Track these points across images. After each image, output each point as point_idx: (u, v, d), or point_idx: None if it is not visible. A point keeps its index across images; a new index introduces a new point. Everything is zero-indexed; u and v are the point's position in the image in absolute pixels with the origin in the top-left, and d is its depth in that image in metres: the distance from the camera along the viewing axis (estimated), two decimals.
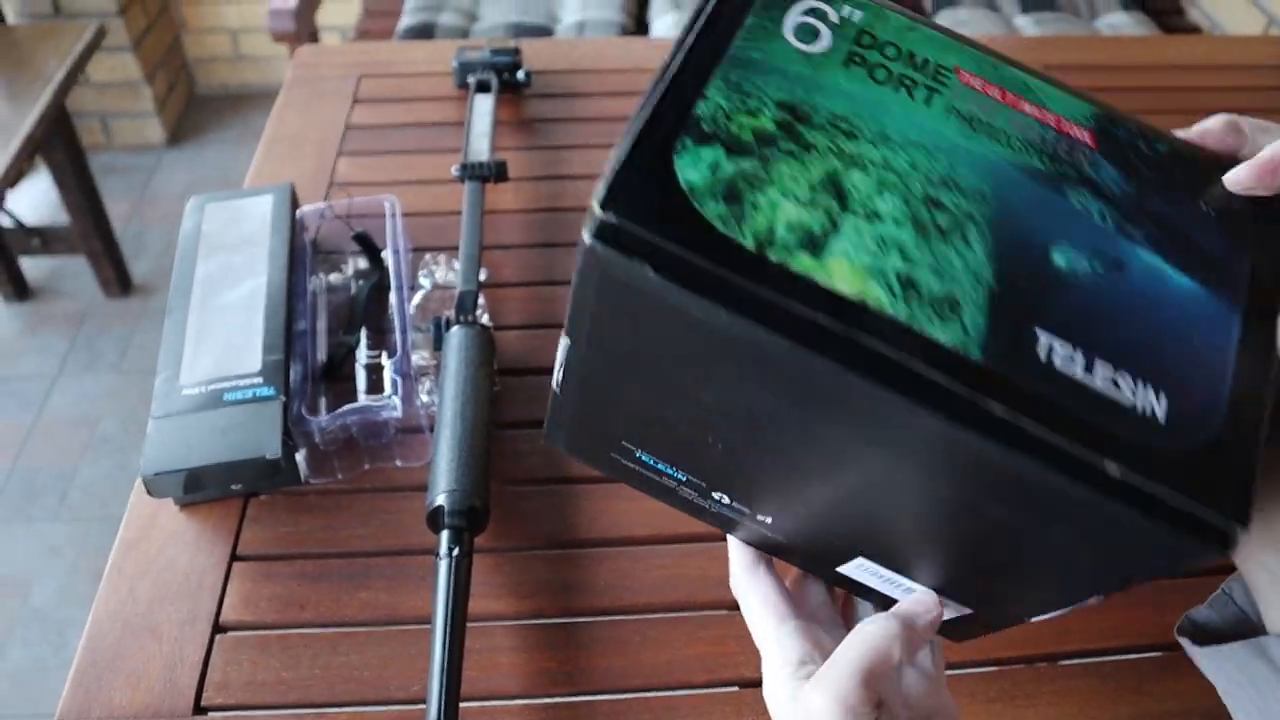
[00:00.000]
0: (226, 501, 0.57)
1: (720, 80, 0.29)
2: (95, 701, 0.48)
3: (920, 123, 0.30)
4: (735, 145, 0.28)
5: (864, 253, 0.27)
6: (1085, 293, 0.28)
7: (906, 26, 0.31)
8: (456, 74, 0.91)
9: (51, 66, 1.61)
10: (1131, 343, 0.28)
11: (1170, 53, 1.05)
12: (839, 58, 0.30)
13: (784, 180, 0.28)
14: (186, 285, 0.65)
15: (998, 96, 0.31)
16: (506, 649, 0.51)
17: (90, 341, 1.84)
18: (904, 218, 0.28)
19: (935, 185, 0.29)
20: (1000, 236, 0.28)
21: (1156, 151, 0.31)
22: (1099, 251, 0.29)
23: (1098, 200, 0.29)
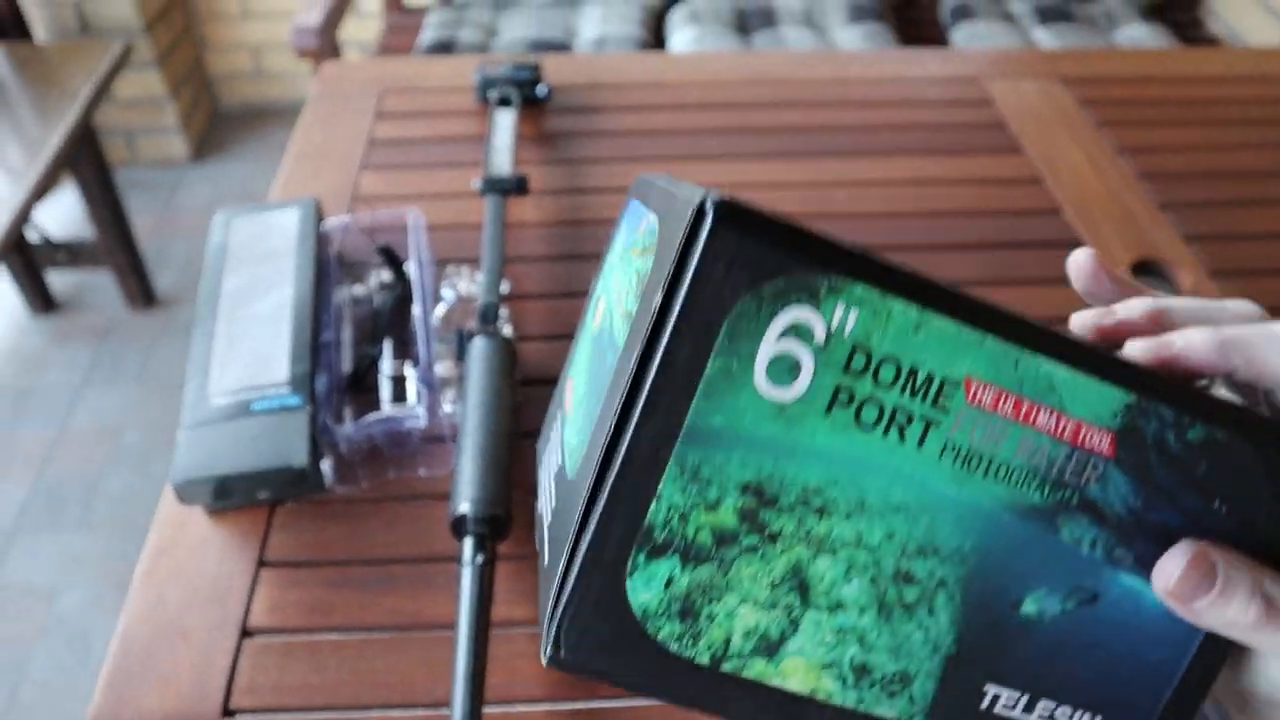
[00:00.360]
0: (254, 509, 0.58)
1: (675, 468, 0.25)
2: (126, 704, 0.49)
3: (908, 476, 0.26)
4: (692, 553, 0.25)
5: (820, 647, 0.27)
6: (1046, 636, 0.28)
7: (914, 325, 0.25)
8: (478, 89, 0.92)
9: (79, 84, 1.64)
10: (1080, 677, 0.29)
11: (1188, 65, 1.06)
12: (820, 401, 0.25)
13: (744, 583, 0.26)
14: (214, 297, 0.66)
15: (1010, 411, 0.26)
16: (529, 655, 0.51)
17: (114, 354, 1.86)
18: (869, 602, 0.27)
19: (910, 556, 0.27)
20: (970, 598, 0.28)
21: (1186, 441, 0.28)
22: (1076, 588, 0.28)
23: (1094, 527, 0.28)
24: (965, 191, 0.85)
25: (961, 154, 0.90)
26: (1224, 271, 0.77)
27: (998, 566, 0.27)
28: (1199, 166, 0.89)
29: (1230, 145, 0.92)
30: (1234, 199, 0.85)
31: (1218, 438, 0.28)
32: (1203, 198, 0.85)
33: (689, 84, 0.99)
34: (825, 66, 1.04)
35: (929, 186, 0.86)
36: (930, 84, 1.00)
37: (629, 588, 0.25)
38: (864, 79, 1.01)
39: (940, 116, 0.95)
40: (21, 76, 1.70)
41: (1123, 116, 0.95)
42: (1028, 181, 0.86)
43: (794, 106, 0.96)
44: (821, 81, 1.00)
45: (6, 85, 1.69)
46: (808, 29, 1.75)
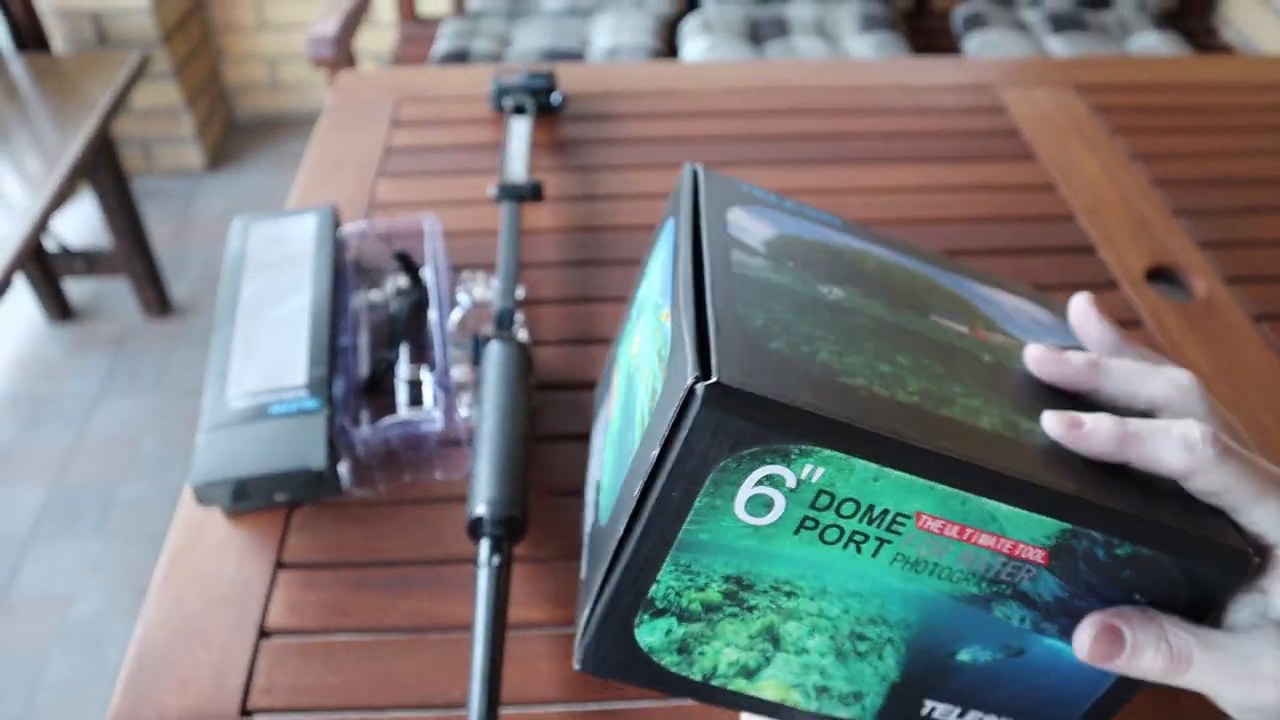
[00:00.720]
0: (272, 511, 0.59)
1: (670, 565, 0.32)
2: (145, 704, 0.50)
3: (862, 574, 0.31)
4: (685, 615, 0.33)
5: (789, 675, 0.34)
6: (978, 675, 0.34)
7: (873, 477, 0.29)
8: (493, 98, 0.93)
9: (97, 94, 1.66)
10: (1006, 699, 0.34)
11: (1202, 72, 1.06)
12: (790, 526, 0.30)
13: (727, 635, 0.33)
14: (233, 302, 0.67)
15: (955, 535, 0.31)
16: (545, 656, 0.52)
17: (131, 362, 1.88)
18: (828, 651, 0.34)
19: (863, 624, 0.33)
20: (912, 650, 0.33)
21: (1114, 555, 0.31)
22: (1005, 645, 0.33)
23: (1024, 609, 0.32)
24: (978, 198, 0.85)
25: (974, 161, 0.90)
26: (1238, 278, 0.76)
27: (937, 631, 0.33)
28: (1213, 173, 0.89)
29: (1244, 152, 0.92)
30: (1248, 205, 0.85)
31: (1143, 553, 0.31)
32: (1217, 204, 0.85)
33: (702, 92, 1.00)
34: (838, 75, 1.04)
35: (942, 193, 0.86)
36: (943, 92, 1.00)
37: (637, 634, 0.33)
38: (876, 87, 1.01)
39: (953, 124, 0.95)
40: (40, 87, 1.72)
41: (1136, 123, 0.95)
42: (1041, 188, 0.87)
43: (807, 114, 0.96)
44: (834, 89, 1.00)
45: (26, 96, 1.71)
46: (820, 39, 1.75)
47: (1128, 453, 0.32)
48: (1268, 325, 0.72)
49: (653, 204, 0.84)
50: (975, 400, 0.33)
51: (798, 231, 0.39)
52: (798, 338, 0.32)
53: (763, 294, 0.33)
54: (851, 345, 0.33)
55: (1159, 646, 0.31)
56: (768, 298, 0.33)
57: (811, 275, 0.36)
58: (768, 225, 0.39)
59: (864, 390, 0.30)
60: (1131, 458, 0.32)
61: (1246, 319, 0.73)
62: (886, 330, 0.35)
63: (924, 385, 0.32)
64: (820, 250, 0.39)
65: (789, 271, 0.36)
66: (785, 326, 0.32)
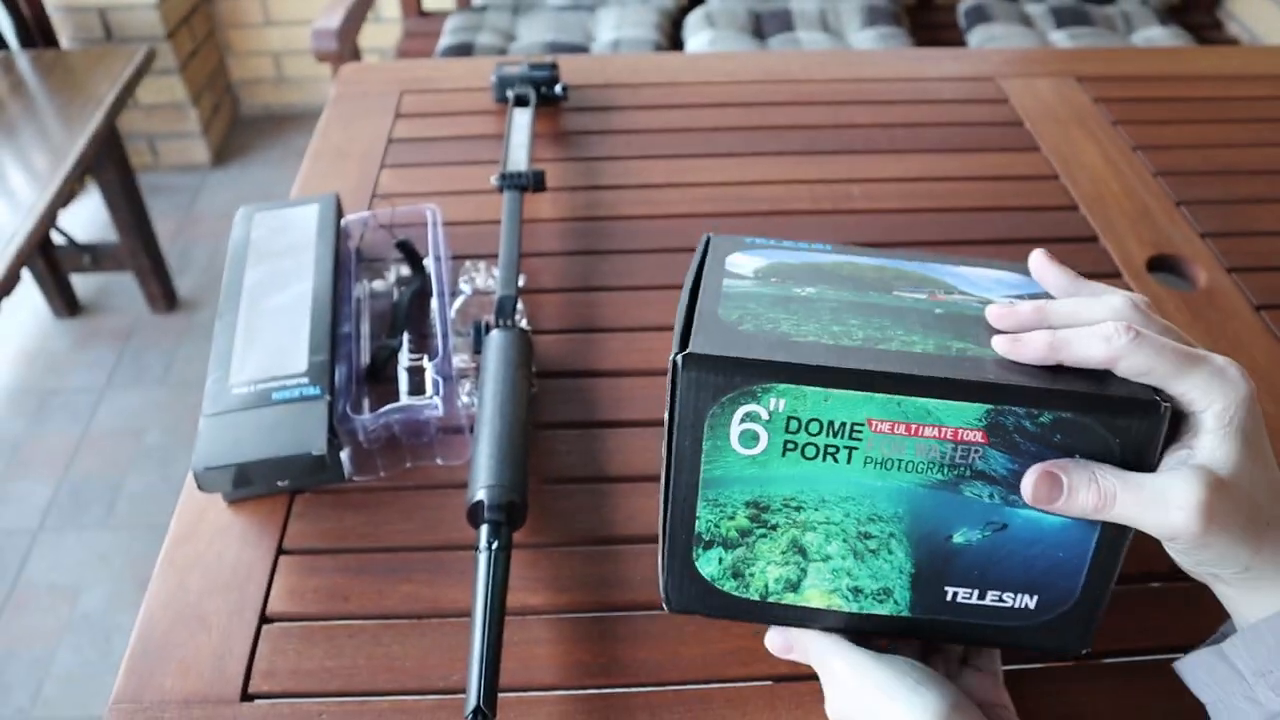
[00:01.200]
0: (273, 498, 0.59)
1: (703, 502, 0.41)
2: (148, 687, 0.50)
3: (846, 479, 0.40)
4: (727, 543, 0.42)
5: (825, 581, 0.42)
6: (978, 554, 0.41)
7: (823, 398, 0.38)
8: (495, 89, 0.93)
9: (103, 89, 1.67)
10: (1010, 574, 0.41)
11: (1204, 63, 1.05)
12: (776, 451, 0.39)
13: (764, 554, 0.42)
14: (236, 290, 0.67)
15: (904, 432, 0.38)
16: (544, 641, 0.52)
17: (137, 356, 1.88)
18: (847, 553, 0.41)
19: (864, 523, 0.40)
20: (915, 540, 0.41)
21: (1040, 422, 0.38)
22: (989, 522, 0.40)
23: (988, 485, 0.39)
24: (980, 188, 0.85)
25: (977, 151, 0.90)
26: (1240, 268, 0.76)
27: (926, 518, 0.40)
28: (1215, 163, 0.89)
29: (1246, 142, 0.92)
30: (1250, 196, 0.85)
31: (1063, 416, 0.38)
32: (1219, 194, 0.85)
33: (705, 83, 1.00)
34: (840, 66, 1.04)
35: (944, 183, 0.86)
36: (945, 83, 1.00)
37: (698, 566, 0.42)
38: (879, 78, 1.01)
39: (955, 115, 0.95)
40: (47, 83, 1.73)
41: (1139, 114, 0.95)
42: (1043, 178, 0.87)
43: (809, 105, 0.96)
44: (837, 81, 1.00)
45: (32, 91, 1.72)
46: (823, 32, 1.75)
47: (1059, 354, 0.38)
48: (1268, 314, 0.72)
49: (654, 194, 0.84)
50: (914, 337, 0.40)
51: (788, 259, 0.47)
52: (763, 320, 0.41)
53: (743, 300, 0.42)
54: (810, 318, 0.41)
55: (1089, 486, 0.37)
56: (746, 301, 0.42)
57: (790, 283, 0.44)
58: (762, 258, 0.47)
59: (810, 341, 0.39)
60: (1064, 358, 0.38)
61: (1248, 308, 0.73)
62: (846, 306, 0.42)
63: (869, 334, 0.40)
64: (804, 267, 0.46)
65: (771, 285, 0.44)
66: (755, 316, 0.41)
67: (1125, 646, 0.52)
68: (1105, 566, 0.41)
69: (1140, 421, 0.38)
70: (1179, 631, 0.48)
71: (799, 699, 0.49)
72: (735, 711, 0.49)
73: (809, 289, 0.44)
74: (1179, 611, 0.52)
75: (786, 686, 0.50)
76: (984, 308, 0.42)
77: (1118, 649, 0.51)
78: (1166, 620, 0.53)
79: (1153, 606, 0.53)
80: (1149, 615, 0.53)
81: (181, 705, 0.49)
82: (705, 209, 0.82)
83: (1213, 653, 0.40)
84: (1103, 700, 0.50)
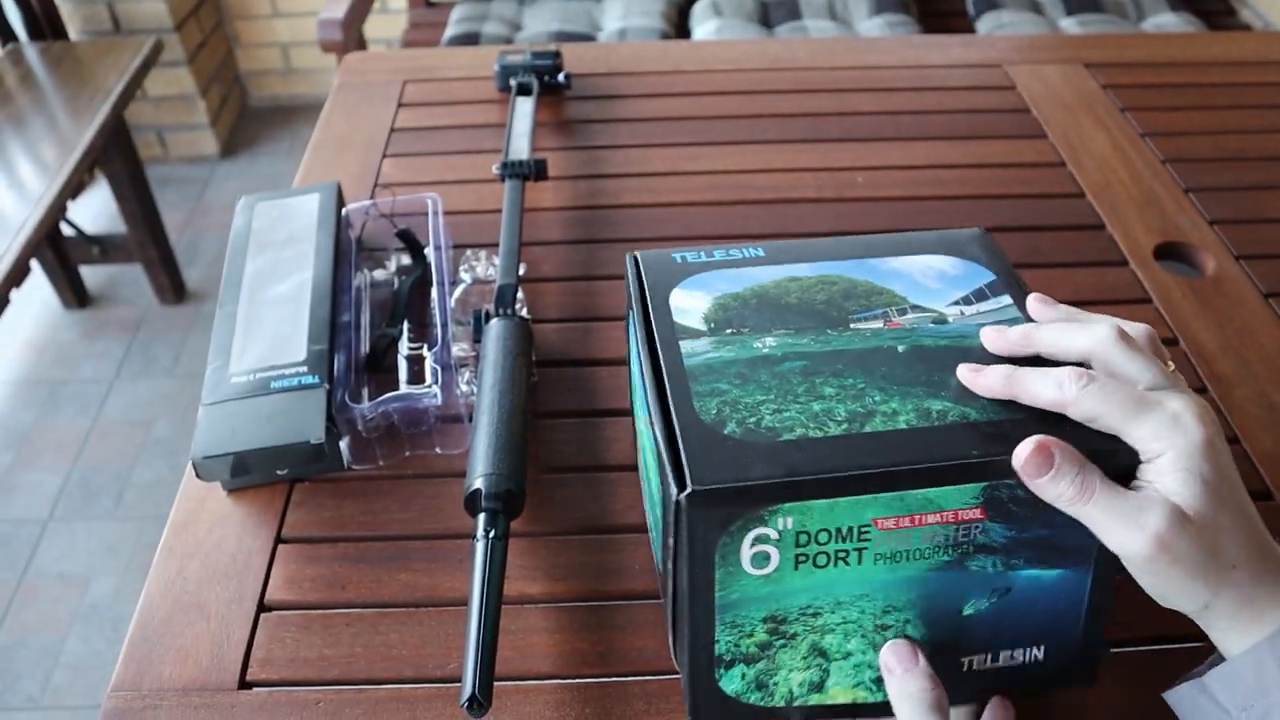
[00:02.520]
0: (272, 487, 0.59)
1: (721, 626, 0.40)
2: (146, 675, 0.50)
3: (858, 579, 0.40)
4: (749, 659, 0.41)
5: (848, 679, 0.43)
6: (987, 621, 0.42)
7: (829, 508, 0.38)
8: (498, 77, 0.93)
9: (111, 81, 1.67)
10: (1018, 632, 0.43)
11: (1216, 49, 1.04)
12: (789, 567, 0.39)
13: (786, 663, 0.42)
14: (237, 280, 0.67)
15: (908, 524, 0.39)
16: (541, 630, 0.52)
17: (145, 347, 1.89)
18: (866, 648, 0.42)
19: (880, 615, 0.41)
20: (928, 621, 0.41)
21: (1029, 492, 0.39)
22: (994, 589, 0.41)
23: (990, 556, 0.40)
24: (987, 175, 0.85)
25: (984, 138, 0.89)
26: (1249, 255, 0.76)
27: (937, 598, 0.41)
28: (1225, 150, 0.88)
29: (1256, 129, 0.91)
30: (1260, 183, 0.84)
31: None
32: (1228, 181, 0.84)
33: (709, 71, 0.99)
34: (846, 53, 1.03)
35: (951, 170, 0.85)
36: (952, 69, 1.00)
37: (721, 686, 0.42)
38: (885, 65, 1.00)
39: (962, 102, 0.94)
40: (55, 75, 1.73)
41: (1147, 101, 0.94)
42: (1051, 165, 0.86)
43: (815, 93, 0.96)
44: (842, 68, 1.00)
45: (41, 83, 1.72)
46: (831, 20, 1.74)
47: (1014, 389, 0.40)
48: (1277, 302, 0.71)
49: (656, 183, 0.83)
50: (893, 404, 0.40)
51: (729, 288, 0.47)
52: (744, 412, 0.40)
53: (711, 378, 0.42)
54: (786, 396, 0.41)
55: (1074, 476, 0.37)
56: (716, 379, 0.42)
57: (747, 334, 0.44)
58: (703, 294, 0.47)
59: (802, 440, 0.39)
60: (1017, 394, 0.40)
61: (1257, 295, 0.72)
62: (814, 363, 0.43)
63: (850, 409, 0.40)
64: (750, 299, 0.46)
65: (728, 343, 0.44)
66: (734, 406, 0.40)
67: (1124, 637, 0.51)
68: (1101, 605, 0.42)
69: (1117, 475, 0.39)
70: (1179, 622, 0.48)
71: None
72: None
73: (768, 340, 0.44)
74: None
75: None
76: (941, 332, 0.44)
77: (1115, 640, 0.51)
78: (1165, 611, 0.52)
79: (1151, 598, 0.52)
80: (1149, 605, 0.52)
81: (180, 693, 0.49)
82: (708, 197, 0.82)
83: (1195, 686, 0.41)
84: (1099, 693, 0.49)
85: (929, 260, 0.49)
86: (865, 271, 0.48)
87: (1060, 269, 0.75)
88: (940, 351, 0.43)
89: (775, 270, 0.48)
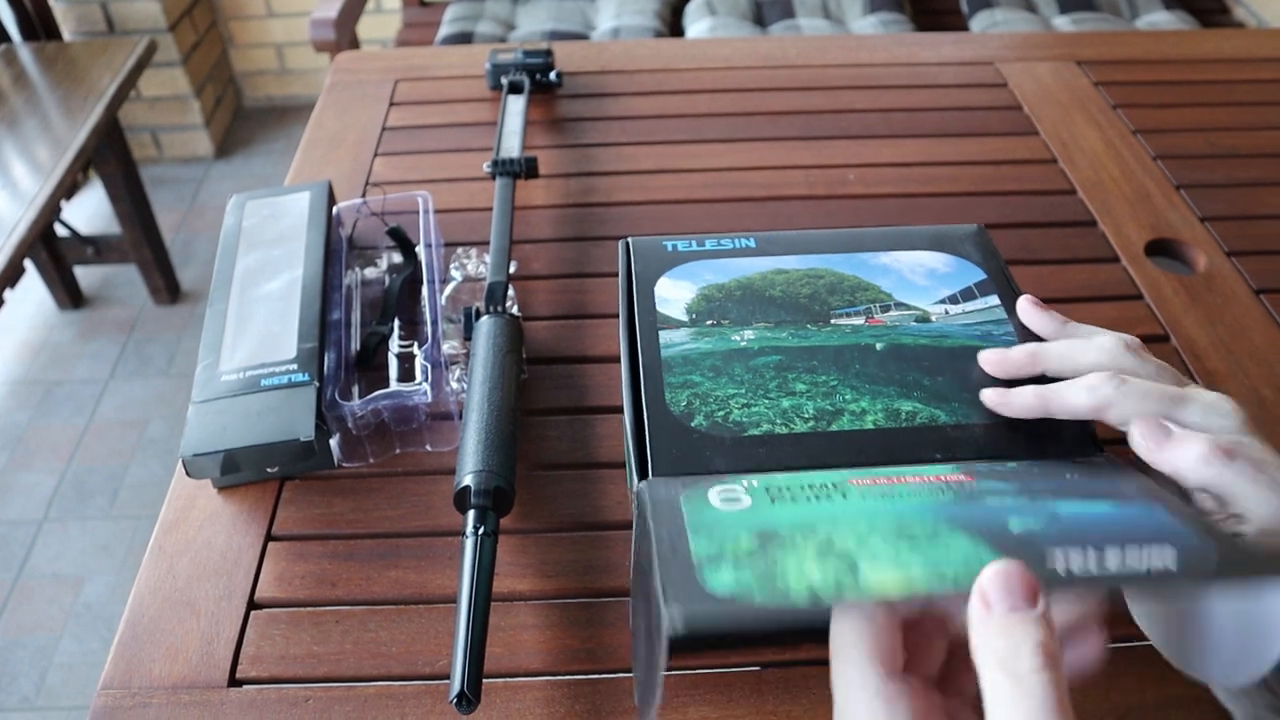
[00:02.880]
0: (262, 484, 0.59)
1: (695, 536, 0.33)
2: (136, 672, 0.50)
3: (854, 507, 0.34)
4: (738, 559, 0.32)
5: (890, 567, 0.31)
6: (1051, 534, 0.32)
7: (801, 481, 0.36)
8: (490, 76, 0.93)
9: (105, 81, 1.67)
10: (1114, 533, 0.32)
11: (1207, 47, 1.04)
12: (764, 501, 0.35)
13: (793, 561, 0.31)
14: (227, 278, 0.67)
15: (888, 480, 0.36)
16: (531, 626, 0.52)
17: (140, 347, 1.89)
18: (896, 542, 0.32)
19: (897, 529, 0.32)
20: (967, 529, 0.32)
21: (1010, 468, 0.38)
22: (1036, 516, 0.33)
23: (1006, 498, 0.35)
24: (979, 172, 0.85)
25: (975, 135, 0.89)
26: (1239, 251, 0.76)
27: (966, 518, 0.33)
28: (1217, 147, 0.88)
29: (1248, 126, 0.91)
30: (1251, 180, 0.84)
31: (1025, 463, 0.39)
32: (1220, 178, 0.84)
33: (701, 69, 0.99)
34: (839, 51, 1.03)
35: (943, 167, 0.85)
36: (944, 67, 1.00)
37: (709, 588, 0.31)
38: (878, 63, 1.00)
39: (954, 99, 0.94)
40: (49, 75, 1.73)
41: (1139, 98, 0.94)
42: (1043, 162, 0.86)
43: (807, 90, 0.96)
44: (834, 65, 1.00)
45: (34, 83, 1.72)
46: (825, 19, 1.74)
47: (1050, 405, 0.40)
48: (1268, 298, 0.72)
49: (648, 180, 0.83)
50: (863, 402, 0.40)
51: (715, 278, 0.47)
52: (713, 405, 0.40)
53: (685, 368, 0.42)
54: (758, 391, 0.41)
55: (1204, 440, 0.36)
56: (690, 371, 0.42)
57: (726, 326, 0.44)
58: (689, 284, 0.46)
59: (767, 435, 0.38)
60: (1054, 409, 0.40)
61: (1248, 292, 0.72)
62: (789, 358, 0.42)
63: (818, 406, 0.40)
64: (736, 289, 0.46)
65: (706, 334, 0.43)
66: (704, 399, 0.40)
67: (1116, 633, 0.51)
68: (1196, 516, 0.36)
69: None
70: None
71: (785, 684, 0.49)
72: (722, 697, 0.48)
73: (747, 333, 0.44)
74: None
75: (773, 672, 0.49)
76: (922, 330, 0.44)
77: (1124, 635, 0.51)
78: None
79: None
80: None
81: (169, 690, 0.49)
82: (700, 194, 0.82)
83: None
84: (1092, 687, 0.49)
85: (920, 256, 0.49)
86: (854, 266, 0.48)
87: (1052, 265, 0.75)
88: (918, 350, 0.43)
89: (764, 262, 0.48)
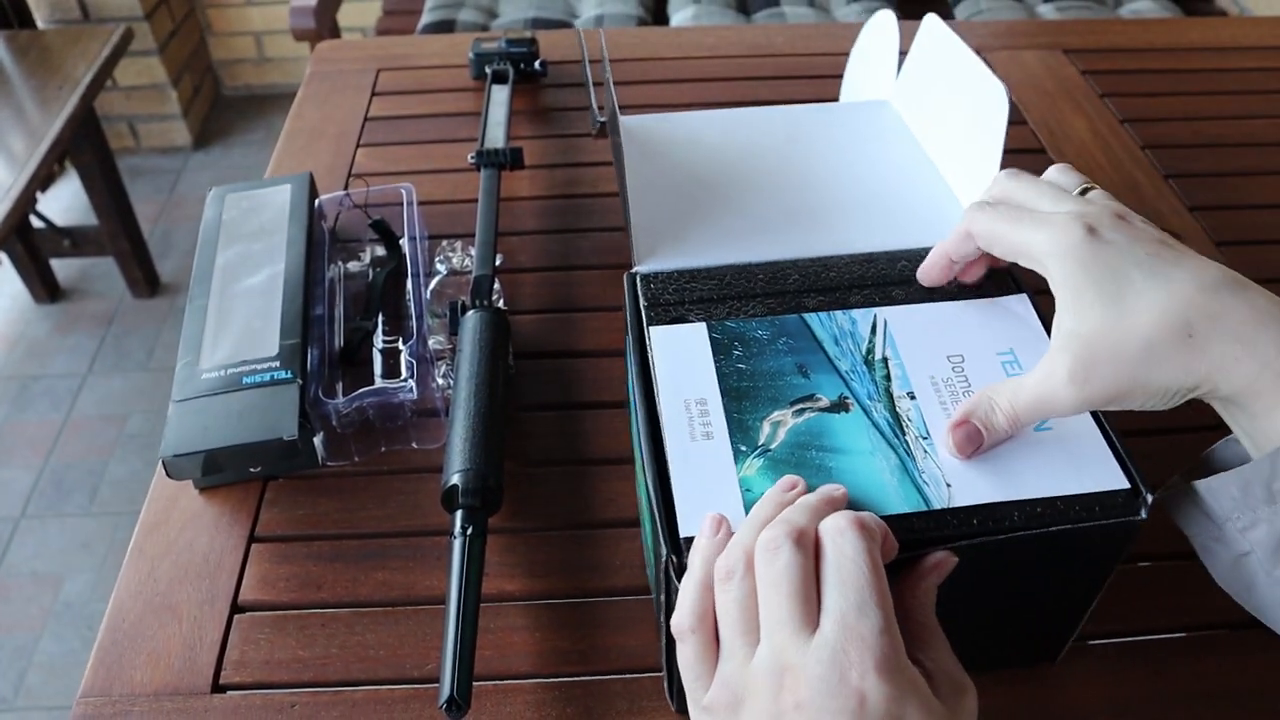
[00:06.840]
0: (245, 485, 0.58)
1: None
2: (117, 679, 0.49)
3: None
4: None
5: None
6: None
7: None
8: (473, 65, 0.92)
9: (79, 70, 1.64)
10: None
11: (1193, 35, 1.04)
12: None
13: None
14: (207, 273, 0.65)
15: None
16: (520, 628, 0.51)
17: (118, 341, 1.86)
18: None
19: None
20: None
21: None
22: None
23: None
24: None
25: None
26: (1228, 241, 0.75)
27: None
28: (1205, 136, 0.88)
29: (1236, 114, 0.90)
30: (1239, 169, 0.84)
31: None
32: (1208, 167, 0.84)
33: (686, 58, 0.98)
34: (824, 40, 1.03)
35: None
36: None
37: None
38: None
39: None
40: (22, 64, 1.70)
41: (1127, 87, 0.94)
42: (1030, 151, 0.85)
43: (793, 80, 0.95)
44: (820, 54, 0.99)
45: (8, 73, 1.69)
46: (809, 7, 1.73)
47: (947, 252, 0.46)
48: None
49: None
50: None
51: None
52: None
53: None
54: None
55: (993, 417, 0.40)
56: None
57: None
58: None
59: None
60: (949, 253, 0.46)
61: None
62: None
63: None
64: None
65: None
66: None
67: (1112, 629, 0.51)
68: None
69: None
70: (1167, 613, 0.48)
71: None
72: None
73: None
74: (1165, 593, 0.52)
75: None
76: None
77: (1104, 631, 0.51)
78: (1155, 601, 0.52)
79: (1139, 587, 0.52)
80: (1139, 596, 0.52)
81: (151, 698, 0.48)
82: None
83: (1185, 493, 0.39)
84: (1089, 683, 0.49)
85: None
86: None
87: None
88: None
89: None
